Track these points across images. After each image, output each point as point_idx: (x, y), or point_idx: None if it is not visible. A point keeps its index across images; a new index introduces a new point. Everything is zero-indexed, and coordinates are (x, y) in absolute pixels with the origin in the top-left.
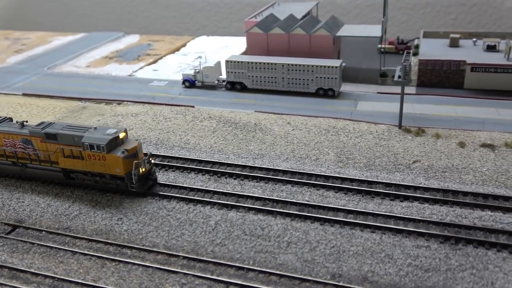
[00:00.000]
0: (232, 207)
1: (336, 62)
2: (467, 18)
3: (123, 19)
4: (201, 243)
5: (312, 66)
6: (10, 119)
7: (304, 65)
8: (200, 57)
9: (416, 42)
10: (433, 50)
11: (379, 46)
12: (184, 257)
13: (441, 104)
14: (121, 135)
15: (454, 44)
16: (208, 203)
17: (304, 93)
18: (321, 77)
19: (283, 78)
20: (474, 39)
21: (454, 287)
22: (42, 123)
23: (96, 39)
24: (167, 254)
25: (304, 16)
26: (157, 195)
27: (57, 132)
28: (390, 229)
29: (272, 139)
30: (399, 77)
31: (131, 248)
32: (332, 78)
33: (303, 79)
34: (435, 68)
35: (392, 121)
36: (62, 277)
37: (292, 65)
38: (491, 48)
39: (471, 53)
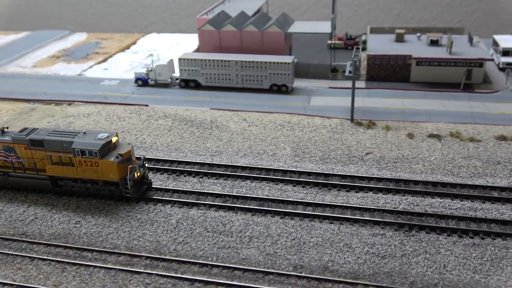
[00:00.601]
0: (192, 205)
1: (288, 58)
2: (409, 13)
3: (66, 16)
4: (164, 242)
5: (266, 62)
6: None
7: (257, 62)
8: (151, 55)
9: (363, 37)
10: (380, 45)
11: (329, 42)
12: (147, 257)
13: (389, 98)
14: (114, 139)
15: (399, 39)
16: (168, 201)
17: (258, 89)
18: (274, 73)
19: (237, 75)
20: (418, 34)
21: (410, 272)
22: (25, 129)
23: (40, 37)
24: (129, 255)
25: (255, 13)
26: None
27: (44, 138)
28: (348, 219)
29: (229, 136)
30: (350, 72)
31: (91, 251)
32: (285, 74)
33: (257, 76)
34: (383, 63)
35: (344, 115)
36: (21, 284)
37: (246, 62)
38: (434, 43)
39: (416, 47)
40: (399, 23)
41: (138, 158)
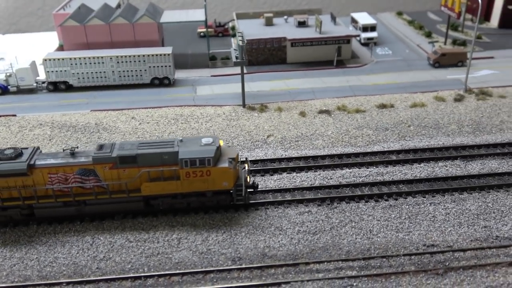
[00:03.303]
0: (105, 215)
1: (167, 50)
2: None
3: None
4: (82, 262)
5: (144, 55)
6: (38, 149)
7: (135, 56)
8: (2, 58)
9: (231, 24)
10: (252, 30)
11: (199, 30)
12: (68, 283)
13: (272, 80)
14: (221, 143)
15: (269, 23)
16: (77, 217)
17: (139, 84)
18: (154, 66)
19: (113, 71)
20: (285, 17)
21: (342, 242)
22: (102, 145)
23: None
24: (45, 285)
25: (118, 5)
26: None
27: (137, 153)
28: (271, 203)
29: (121, 137)
30: (237, 58)
31: None
32: (165, 66)
33: (136, 70)
34: (259, 47)
35: (235, 102)
36: None
37: (122, 56)
38: (302, 24)
39: (286, 30)
40: (250, 8)
41: (242, 161)
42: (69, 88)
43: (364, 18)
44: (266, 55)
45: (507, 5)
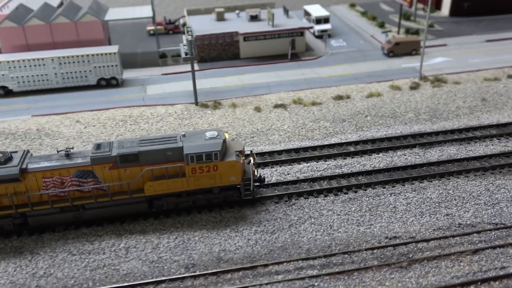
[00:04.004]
0: (44, 228)
1: (113, 48)
2: None
3: None
4: (20, 281)
5: (88, 55)
6: (28, 152)
7: (78, 56)
8: None
9: (181, 21)
10: (203, 25)
11: (148, 28)
12: None
13: (226, 76)
14: (226, 136)
15: (220, 18)
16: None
17: (85, 86)
18: (100, 66)
19: (55, 73)
20: (237, 12)
21: (302, 240)
22: (99, 144)
23: None
24: None
25: (61, 4)
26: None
27: (139, 150)
28: (227, 203)
29: (65, 143)
30: (186, 54)
31: None
32: (112, 65)
33: (80, 72)
34: (211, 42)
35: (187, 100)
36: None
37: (64, 57)
38: (254, 18)
39: (238, 24)
40: (203, 5)
41: (247, 155)
42: (8, 93)
43: (317, 11)
44: (218, 51)
45: None
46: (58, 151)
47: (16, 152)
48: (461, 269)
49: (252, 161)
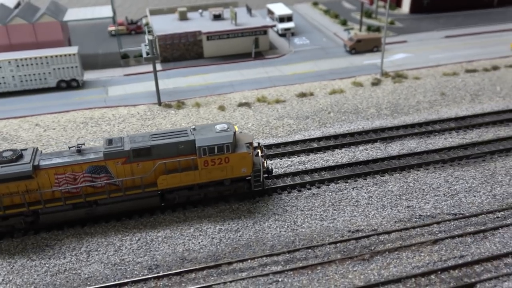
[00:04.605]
0: (1, 235)
1: (73, 49)
2: None
3: None
4: None
5: (47, 57)
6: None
7: (36, 58)
8: None
9: (144, 20)
10: (166, 25)
11: (110, 28)
12: None
13: (189, 76)
14: (235, 128)
15: (183, 17)
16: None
17: (45, 89)
18: (59, 68)
19: (13, 76)
20: (200, 11)
21: (266, 237)
22: (110, 139)
23: None
24: None
25: (18, 5)
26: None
27: (152, 144)
28: (189, 203)
29: (23, 147)
30: (147, 53)
31: None
32: (72, 67)
33: (39, 74)
34: (174, 42)
35: (150, 100)
36: None
37: (22, 59)
38: (217, 17)
39: (201, 23)
40: (166, 4)
41: (255, 147)
42: None
43: (280, 9)
44: (181, 51)
45: None
46: (69, 148)
47: (26, 149)
48: (421, 259)
49: (260, 153)
